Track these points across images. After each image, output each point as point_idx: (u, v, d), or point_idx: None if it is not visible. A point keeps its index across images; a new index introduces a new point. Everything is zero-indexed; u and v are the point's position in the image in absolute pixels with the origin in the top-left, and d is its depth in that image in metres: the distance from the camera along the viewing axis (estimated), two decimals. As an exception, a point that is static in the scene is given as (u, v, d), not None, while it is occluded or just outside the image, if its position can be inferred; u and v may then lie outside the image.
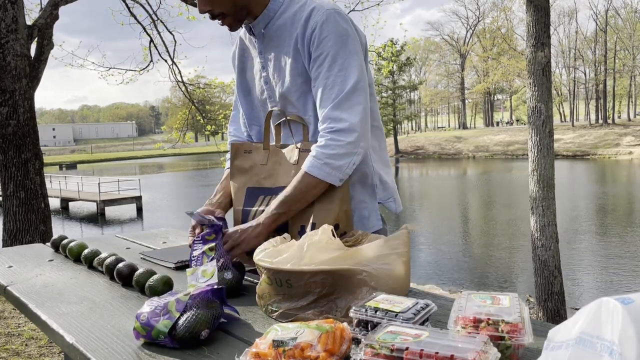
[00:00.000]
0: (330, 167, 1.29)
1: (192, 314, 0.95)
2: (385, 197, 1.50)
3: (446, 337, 0.72)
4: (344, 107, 1.31)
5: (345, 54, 1.32)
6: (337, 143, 1.29)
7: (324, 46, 1.32)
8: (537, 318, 5.74)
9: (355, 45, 1.35)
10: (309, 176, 1.30)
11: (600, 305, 0.57)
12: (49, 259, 1.68)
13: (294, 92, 1.41)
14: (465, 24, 67.09)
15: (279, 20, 1.40)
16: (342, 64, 1.32)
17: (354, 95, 1.31)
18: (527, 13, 5.72)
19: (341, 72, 1.32)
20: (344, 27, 1.33)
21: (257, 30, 1.44)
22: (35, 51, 6.74)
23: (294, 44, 1.37)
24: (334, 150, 1.29)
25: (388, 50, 11.97)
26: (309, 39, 1.34)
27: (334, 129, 1.30)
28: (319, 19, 1.33)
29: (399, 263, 1.06)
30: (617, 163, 34.99)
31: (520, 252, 11.61)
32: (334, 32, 1.32)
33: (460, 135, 52.51)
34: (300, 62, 1.37)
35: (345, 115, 1.30)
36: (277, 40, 1.41)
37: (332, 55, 1.32)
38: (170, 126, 13.25)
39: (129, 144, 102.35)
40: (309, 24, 1.34)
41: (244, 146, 1.52)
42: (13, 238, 6.03)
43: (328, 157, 1.29)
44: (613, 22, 52.08)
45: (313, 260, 1.00)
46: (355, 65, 1.33)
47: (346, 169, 1.30)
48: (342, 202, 1.34)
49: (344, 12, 1.36)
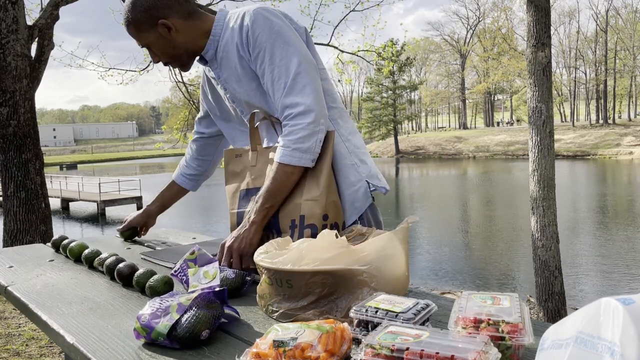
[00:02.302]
0: (300, 151, 1.34)
1: (193, 314, 0.95)
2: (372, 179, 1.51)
3: (446, 337, 0.72)
4: (294, 92, 1.36)
5: (280, 43, 1.38)
6: (299, 127, 1.34)
7: (259, 43, 1.39)
8: (537, 318, 5.74)
9: (289, 33, 1.40)
10: (283, 165, 1.35)
11: (600, 305, 0.57)
12: (50, 259, 1.68)
13: (255, 97, 1.47)
14: (466, 24, 67.12)
15: (223, 41, 1.47)
16: (280, 54, 1.37)
17: (300, 78, 1.36)
18: (528, 13, 5.72)
19: (282, 62, 1.37)
20: (273, 20, 1.40)
21: (209, 57, 1.51)
22: (36, 51, 6.74)
23: (237, 52, 1.44)
24: (298, 134, 1.34)
25: (388, 51, 11.96)
26: (246, 42, 1.41)
27: (292, 114, 1.36)
28: (249, 20, 1.40)
29: (400, 262, 1.07)
30: (617, 163, 34.97)
31: (520, 252, 11.61)
32: (264, 27, 1.38)
33: (461, 136, 52.49)
34: (247, 66, 1.44)
35: (298, 99, 1.36)
36: (226, 59, 1.48)
37: (269, 49, 1.38)
38: (170, 126, 13.25)
39: (129, 144, 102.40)
40: (243, 29, 1.41)
41: (235, 151, 1.58)
42: (13, 238, 6.03)
43: (294, 142, 1.34)
44: (613, 22, 52.07)
45: (313, 260, 1.00)
46: (293, 52, 1.38)
47: (315, 148, 1.36)
48: (329, 192, 1.37)
49: (271, 7, 1.44)
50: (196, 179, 1.90)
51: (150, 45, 1.45)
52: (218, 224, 16.47)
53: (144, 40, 1.44)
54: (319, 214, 1.34)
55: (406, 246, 1.10)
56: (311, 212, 1.34)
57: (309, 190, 1.36)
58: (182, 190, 1.91)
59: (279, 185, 1.36)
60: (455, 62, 69.88)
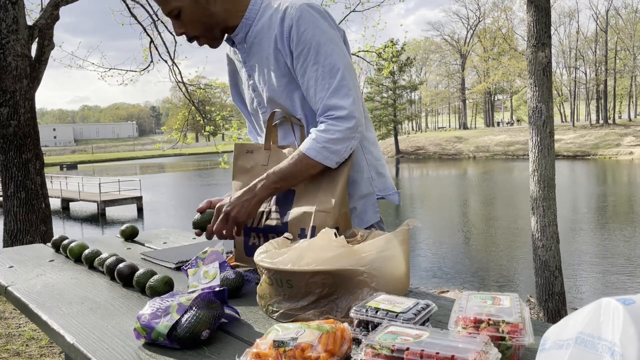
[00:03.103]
0: (329, 151, 1.31)
1: (193, 314, 0.95)
2: (385, 190, 1.50)
3: (447, 337, 0.72)
4: (339, 95, 1.33)
5: (326, 43, 1.33)
6: (337, 128, 1.31)
7: (304, 40, 1.33)
8: (537, 318, 5.74)
9: (334, 34, 1.36)
10: (307, 157, 1.32)
11: (600, 305, 0.57)
12: (50, 260, 1.68)
13: (281, 94, 1.42)
14: (466, 24, 67.13)
15: (257, 27, 1.41)
16: (325, 54, 1.33)
17: (345, 82, 1.33)
18: (528, 13, 5.72)
19: (327, 61, 1.33)
20: (319, 19, 1.35)
21: (238, 39, 1.45)
22: (36, 51, 6.74)
23: (274, 45, 1.38)
24: (334, 135, 1.31)
25: (388, 51, 11.96)
26: (287, 37, 1.35)
27: (333, 116, 1.32)
28: (294, 15, 1.34)
29: (400, 263, 1.06)
30: (617, 163, 34.97)
31: (520, 252, 11.61)
32: (310, 25, 1.33)
33: (461, 136, 52.49)
34: (282, 62, 1.38)
35: (343, 102, 1.32)
36: (257, 47, 1.42)
37: (315, 47, 1.33)
38: (170, 126, 13.25)
39: (129, 144, 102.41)
40: (285, 22, 1.35)
41: (246, 146, 1.54)
42: (14, 238, 6.03)
43: (327, 141, 1.31)
44: (613, 23, 52.06)
45: (313, 260, 1.00)
46: (338, 53, 1.34)
47: (343, 152, 1.33)
48: (342, 205, 1.34)
49: (317, 5, 1.37)
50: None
51: (182, 11, 1.32)
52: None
53: (175, 3, 1.31)
54: (331, 225, 1.30)
55: (406, 247, 1.10)
56: (323, 223, 1.30)
57: (323, 201, 1.33)
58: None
59: (296, 173, 1.33)
60: (455, 62, 69.88)
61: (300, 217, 1.34)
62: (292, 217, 1.35)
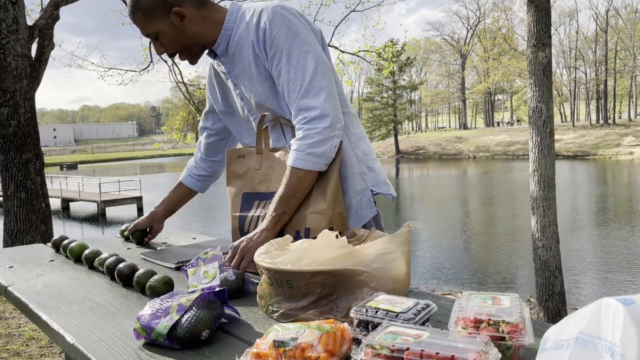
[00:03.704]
0: (314, 155, 1.31)
1: (193, 314, 0.95)
2: (378, 185, 1.50)
3: (447, 337, 0.72)
4: (310, 95, 1.33)
5: (298, 44, 1.34)
6: (315, 131, 1.31)
7: (276, 43, 1.35)
8: (537, 318, 5.74)
9: (306, 34, 1.37)
10: (297, 170, 1.32)
11: (600, 305, 0.57)
12: (50, 260, 1.68)
13: (267, 98, 1.44)
14: (466, 24, 67.12)
15: (236, 36, 1.43)
16: (298, 55, 1.34)
17: (316, 81, 1.33)
18: (528, 13, 5.72)
19: (299, 63, 1.34)
20: (291, 20, 1.36)
21: (220, 51, 1.47)
22: (36, 51, 6.74)
23: (252, 50, 1.40)
24: (313, 138, 1.31)
25: (388, 51, 11.97)
26: (262, 41, 1.37)
27: (307, 118, 1.33)
28: (267, 18, 1.36)
29: (400, 263, 1.06)
30: (617, 163, 34.96)
31: (520, 252, 11.61)
32: (283, 26, 1.35)
33: (461, 136, 52.48)
34: (262, 66, 1.40)
35: (314, 102, 1.32)
36: (239, 55, 1.44)
37: (287, 49, 1.34)
38: (170, 126, 13.25)
39: (129, 145, 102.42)
40: (260, 27, 1.37)
41: (238, 151, 1.55)
42: (14, 238, 6.03)
43: (309, 147, 1.31)
44: (613, 23, 52.06)
45: (313, 260, 1.00)
46: (310, 52, 1.35)
47: (329, 153, 1.33)
48: (335, 204, 1.35)
49: (290, 7, 1.39)
50: (205, 180, 1.83)
51: (159, 35, 1.38)
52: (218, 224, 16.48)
53: (152, 28, 1.37)
54: (325, 226, 1.30)
55: (407, 247, 1.10)
56: (317, 225, 1.30)
57: (315, 202, 1.34)
58: (190, 192, 1.84)
59: (292, 191, 1.33)
60: (455, 62, 69.87)
61: (294, 220, 1.35)
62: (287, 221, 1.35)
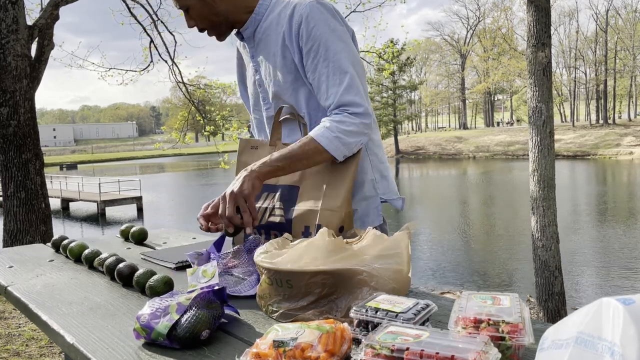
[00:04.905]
0: (340, 141, 1.30)
1: (193, 314, 0.95)
2: (389, 194, 1.49)
3: (447, 337, 0.72)
4: (353, 92, 1.32)
5: (336, 40, 1.34)
6: (353, 121, 1.31)
7: (314, 37, 1.33)
8: (537, 318, 5.74)
9: (343, 31, 1.36)
10: (317, 144, 1.29)
11: (600, 305, 0.57)
12: (50, 260, 1.68)
13: (286, 90, 1.42)
14: (466, 24, 67.13)
15: (266, 22, 1.43)
16: (335, 50, 1.33)
17: (357, 81, 1.33)
18: (528, 13, 5.72)
19: (337, 57, 1.33)
20: (329, 16, 1.35)
21: (247, 34, 1.47)
22: (36, 51, 6.74)
23: (282, 41, 1.39)
24: (349, 127, 1.30)
25: (389, 52, 11.95)
26: (296, 34, 1.35)
27: (349, 111, 1.32)
28: (303, 12, 1.34)
29: (400, 263, 1.06)
30: (617, 163, 34.96)
31: (520, 252, 11.60)
32: (320, 22, 1.33)
33: (461, 136, 52.48)
34: (290, 58, 1.39)
35: (358, 99, 1.32)
36: (265, 42, 1.43)
37: (324, 43, 1.33)
38: (170, 126, 13.26)
39: (129, 144, 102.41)
40: (294, 19, 1.36)
41: (251, 142, 1.53)
42: (14, 238, 6.03)
43: (341, 132, 1.30)
44: (613, 22, 52.06)
45: (313, 260, 1.00)
46: (348, 51, 1.35)
47: (354, 147, 1.32)
48: (348, 203, 1.33)
49: (326, 2, 1.37)
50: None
51: (190, 8, 1.39)
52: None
53: (183, 1, 1.39)
54: (336, 224, 1.29)
55: (408, 248, 1.10)
56: (328, 222, 1.27)
57: (329, 200, 1.31)
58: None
59: (302, 155, 1.29)
60: (455, 62, 69.87)
61: (304, 215, 1.32)
62: (297, 215, 1.33)
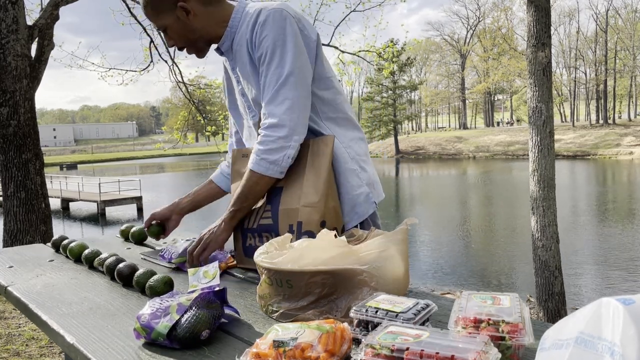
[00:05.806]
0: (267, 162, 1.35)
1: (193, 314, 0.95)
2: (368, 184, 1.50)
3: (447, 337, 0.72)
4: (275, 102, 1.36)
5: (282, 50, 1.36)
6: (270, 138, 1.35)
7: (262, 46, 1.38)
8: (537, 318, 5.74)
9: (295, 40, 1.37)
10: (252, 172, 1.37)
11: (600, 305, 0.57)
12: (50, 260, 1.68)
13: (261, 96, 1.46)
14: (466, 24, 67.10)
15: (239, 34, 1.46)
16: (278, 62, 1.36)
17: (284, 90, 1.35)
18: (528, 13, 5.71)
19: (277, 69, 1.36)
20: (282, 25, 1.37)
21: (225, 48, 1.50)
22: (36, 51, 6.74)
23: (247, 50, 1.43)
24: (268, 145, 1.35)
25: (389, 52, 11.95)
26: (253, 42, 1.40)
27: (266, 124, 1.36)
28: (260, 20, 1.38)
29: (400, 263, 1.06)
30: (617, 163, 34.96)
31: (520, 252, 11.60)
32: (272, 30, 1.36)
33: (461, 136, 52.47)
34: (255, 65, 1.43)
35: (276, 110, 1.35)
36: (239, 53, 1.47)
37: (270, 53, 1.37)
38: (170, 126, 13.26)
39: (129, 144, 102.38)
40: (255, 27, 1.40)
41: (242, 151, 1.58)
42: (14, 238, 6.03)
43: (263, 152, 1.35)
44: (613, 22, 52.04)
45: (313, 260, 1.00)
46: (290, 61, 1.36)
47: (282, 162, 1.36)
48: (328, 198, 1.36)
49: (287, 9, 1.39)
50: None
51: (167, 28, 1.44)
52: (218, 224, 16.44)
53: (161, 22, 1.43)
54: (317, 220, 1.32)
55: (406, 246, 1.10)
56: (309, 219, 1.32)
57: (307, 196, 1.35)
58: (218, 191, 1.77)
59: (246, 192, 1.38)
60: (455, 62, 69.85)
61: (287, 214, 1.36)
62: (281, 215, 1.37)
